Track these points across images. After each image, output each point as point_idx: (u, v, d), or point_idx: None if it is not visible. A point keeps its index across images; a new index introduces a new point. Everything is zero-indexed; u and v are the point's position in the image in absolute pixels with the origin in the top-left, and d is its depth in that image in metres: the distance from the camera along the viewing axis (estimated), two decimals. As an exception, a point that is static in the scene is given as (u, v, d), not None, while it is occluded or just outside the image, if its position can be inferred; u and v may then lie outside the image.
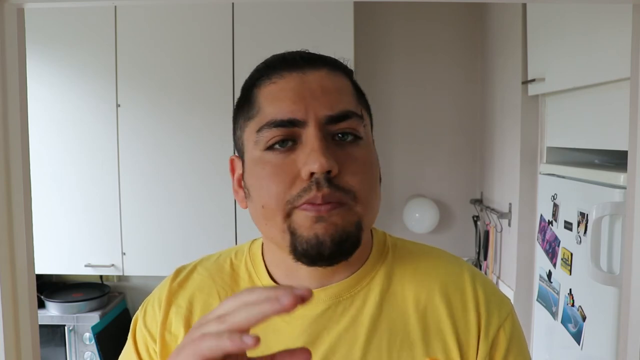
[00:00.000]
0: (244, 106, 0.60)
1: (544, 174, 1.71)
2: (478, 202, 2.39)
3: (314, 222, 0.53)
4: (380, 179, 0.64)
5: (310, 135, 0.54)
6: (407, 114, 2.44)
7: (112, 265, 2.11)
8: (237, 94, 0.62)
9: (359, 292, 0.60)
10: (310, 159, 0.52)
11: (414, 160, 2.46)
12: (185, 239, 2.09)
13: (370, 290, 0.61)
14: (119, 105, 2.06)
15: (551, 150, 1.76)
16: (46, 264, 2.09)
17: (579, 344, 1.38)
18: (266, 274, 0.63)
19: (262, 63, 0.61)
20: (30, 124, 0.74)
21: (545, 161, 1.77)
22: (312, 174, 0.52)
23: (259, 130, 0.56)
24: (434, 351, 0.58)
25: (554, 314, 1.57)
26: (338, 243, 0.53)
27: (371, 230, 0.66)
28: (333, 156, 0.53)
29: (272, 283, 0.62)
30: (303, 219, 0.53)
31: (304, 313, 0.59)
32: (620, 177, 1.24)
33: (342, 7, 2.00)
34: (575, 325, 1.42)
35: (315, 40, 2.04)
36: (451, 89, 2.44)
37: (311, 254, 0.54)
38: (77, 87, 2.07)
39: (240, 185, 0.62)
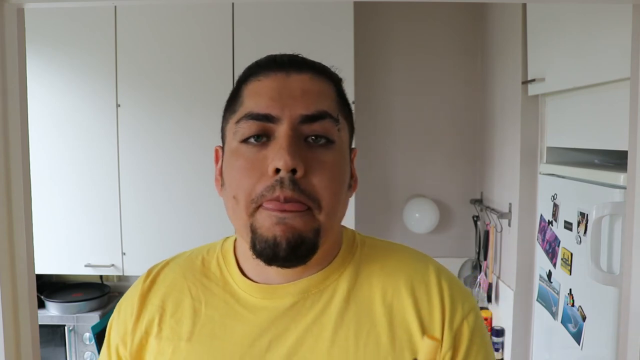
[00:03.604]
0: (231, 100, 0.63)
1: (544, 174, 1.71)
2: (478, 202, 2.39)
3: (274, 224, 0.55)
4: (351, 185, 0.64)
5: (281, 133, 0.55)
6: (407, 113, 2.45)
7: (112, 265, 2.11)
8: None
9: (327, 287, 0.62)
10: (277, 155, 0.54)
11: (414, 160, 2.46)
12: (185, 239, 2.09)
13: (338, 285, 0.63)
14: (119, 105, 2.06)
15: (551, 150, 1.76)
16: (46, 264, 2.09)
17: (579, 344, 1.38)
18: (237, 269, 0.65)
19: (254, 62, 0.63)
20: (30, 124, 0.74)
21: (545, 161, 1.77)
22: (277, 170, 0.54)
23: (237, 122, 0.58)
24: (400, 342, 0.60)
25: (554, 314, 1.57)
26: (294, 247, 0.55)
27: (342, 229, 0.68)
28: (301, 157, 0.55)
29: (243, 278, 0.64)
30: (265, 219, 0.55)
31: (273, 305, 0.61)
32: (620, 177, 1.24)
33: (342, 7, 2.00)
34: (575, 325, 1.42)
35: (315, 40, 2.05)
36: (451, 89, 2.44)
37: (267, 253, 0.55)
38: (77, 87, 2.07)
39: (220, 174, 0.64)
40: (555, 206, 1.58)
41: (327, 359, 0.59)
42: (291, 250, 0.55)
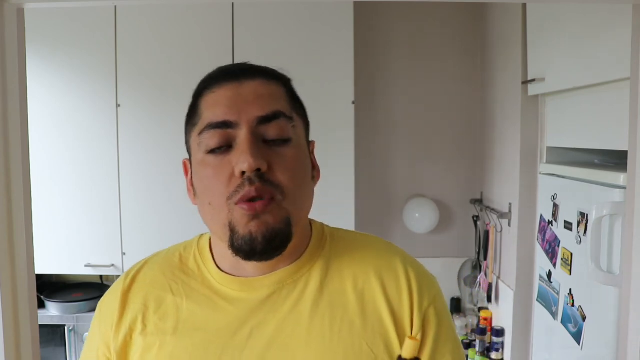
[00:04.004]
0: (190, 114, 0.66)
1: (544, 174, 1.71)
2: (478, 202, 2.39)
3: (249, 220, 0.59)
4: (314, 176, 0.69)
5: (241, 137, 0.60)
6: (407, 114, 2.45)
7: (112, 265, 2.11)
8: None
9: (301, 278, 0.66)
10: (240, 159, 0.59)
11: (414, 160, 2.46)
12: (185, 239, 2.08)
13: (311, 275, 0.66)
14: (119, 105, 2.06)
15: (551, 150, 1.76)
16: (46, 264, 2.09)
17: (579, 344, 1.38)
18: (214, 265, 0.68)
19: (205, 76, 0.67)
20: (30, 124, 0.74)
21: (545, 161, 1.77)
22: (243, 172, 0.59)
23: (200, 134, 0.62)
24: (372, 327, 0.64)
25: (554, 314, 1.57)
26: (269, 240, 0.59)
27: (310, 223, 0.72)
28: (263, 155, 0.59)
29: (220, 272, 0.67)
30: (240, 217, 0.59)
31: (250, 297, 0.65)
32: (620, 177, 1.24)
33: (342, 7, 2.00)
34: (575, 325, 1.42)
35: (315, 40, 2.05)
36: (451, 89, 2.44)
37: (245, 249, 0.60)
38: (77, 87, 2.07)
39: (191, 184, 0.67)
40: (555, 206, 1.58)
41: (305, 345, 0.62)
42: (267, 243, 0.59)
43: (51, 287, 2.29)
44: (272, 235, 0.59)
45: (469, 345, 2.23)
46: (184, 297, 0.67)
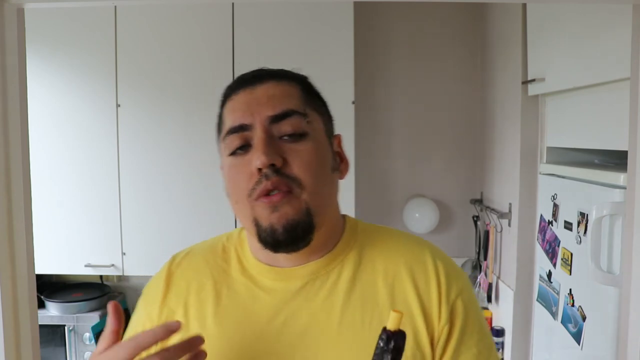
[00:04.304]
0: (218, 124, 0.71)
1: (544, 174, 1.71)
2: (478, 202, 2.39)
3: (270, 213, 0.62)
4: (336, 168, 0.71)
5: (256, 137, 0.63)
6: (407, 114, 2.45)
7: (112, 265, 2.11)
8: None
9: (334, 270, 0.69)
10: (254, 157, 0.62)
11: (414, 160, 2.46)
12: (185, 239, 2.08)
13: (343, 267, 0.69)
14: (119, 105, 2.06)
15: (551, 150, 1.76)
16: (46, 264, 2.09)
17: (579, 344, 1.38)
18: (252, 256, 0.72)
19: (227, 86, 0.71)
20: (30, 124, 0.74)
21: (545, 161, 1.77)
22: (260, 169, 0.62)
23: (223, 139, 0.67)
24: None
25: (554, 314, 1.57)
26: (289, 230, 0.62)
27: (344, 217, 0.75)
28: (278, 151, 0.62)
29: (257, 262, 0.71)
30: (262, 210, 0.63)
31: (285, 287, 0.68)
32: (620, 177, 1.24)
33: (342, 7, 2.00)
34: (575, 325, 1.42)
35: (315, 40, 2.05)
36: (451, 89, 2.43)
37: (270, 241, 0.63)
38: (77, 87, 2.07)
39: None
40: (555, 206, 1.58)
41: (337, 335, 0.65)
42: (288, 233, 0.62)
43: (51, 287, 2.29)
44: (292, 226, 0.62)
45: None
46: (224, 285, 0.71)
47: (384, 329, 0.56)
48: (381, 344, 0.55)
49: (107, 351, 0.59)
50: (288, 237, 0.62)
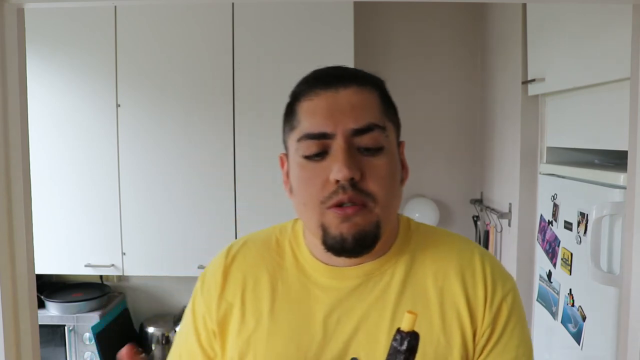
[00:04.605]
0: (289, 115, 0.70)
1: (544, 174, 1.71)
2: (478, 202, 2.39)
3: (340, 222, 0.63)
4: (402, 179, 0.74)
5: (337, 147, 0.64)
6: (407, 114, 2.42)
7: (112, 265, 2.11)
8: (237, 94, 0.68)
9: (387, 271, 0.71)
10: (335, 168, 0.62)
11: (414, 160, 2.44)
12: (185, 239, 2.09)
13: (396, 269, 0.71)
14: (119, 105, 2.06)
15: (551, 150, 1.76)
16: (46, 264, 2.09)
17: (579, 344, 1.38)
18: (308, 251, 0.73)
19: (302, 79, 0.71)
20: (30, 124, 0.74)
21: (545, 161, 1.77)
22: (337, 180, 0.63)
23: (298, 140, 0.67)
24: (449, 320, 0.68)
25: (554, 314, 1.57)
26: (358, 240, 0.64)
27: (397, 216, 0.75)
28: (357, 165, 0.63)
29: (313, 259, 0.72)
30: (332, 219, 0.64)
31: (340, 286, 0.70)
32: (620, 177, 1.24)
33: (342, 7, 2.00)
34: (575, 325, 1.42)
35: (315, 40, 2.05)
36: (451, 89, 2.44)
37: (337, 248, 0.65)
38: (77, 87, 2.07)
39: (287, 177, 0.72)
40: (555, 206, 1.58)
41: (387, 334, 0.66)
42: (356, 242, 0.64)
43: (51, 287, 2.29)
44: (361, 236, 0.64)
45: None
46: (279, 279, 0.72)
47: (398, 329, 0.56)
48: (394, 345, 0.55)
49: None
50: (356, 246, 0.64)
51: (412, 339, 0.55)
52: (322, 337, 0.68)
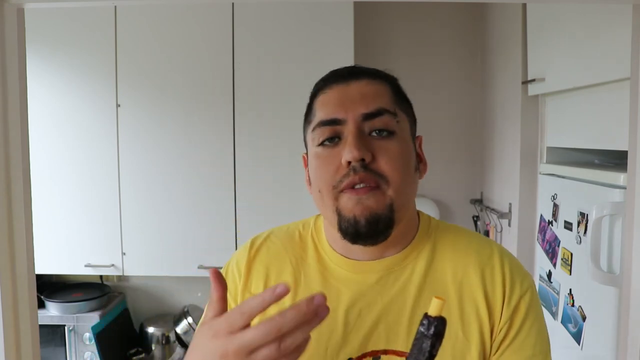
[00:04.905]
0: (307, 113, 0.74)
1: (544, 174, 1.71)
2: (478, 202, 2.39)
3: (354, 205, 0.64)
4: (417, 168, 0.72)
5: (348, 131, 0.66)
6: (407, 114, 2.44)
7: (112, 265, 2.11)
8: (237, 94, 0.68)
9: (407, 265, 0.72)
10: (346, 150, 0.64)
11: (414, 160, 2.46)
12: (185, 239, 2.09)
13: (416, 264, 0.72)
14: (119, 105, 2.06)
15: (551, 150, 1.76)
16: (46, 264, 2.09)
17: (579, 344, 1.38)
18: (329, 246, 0.74)
19: (320, 79, 0.73)
20: (30, 124, 0.74)
21: (545, 161, 1.77)
22: (349, 162, 0.64)
23: (313, 130, 0.69)
24: (468, 315, 0.69)
25: (554, 314, 1.57)
26: (371, 223, 0.64)
27: (418, 214, 0.77)
28: (368, 147, 0.64)
29: (334, 253, 0.73)
30: (346, 201, 0.65)
31: (361, 279, 0.71)
32: (620, 177, 1.24)
33: (342, 7, 2.00)
34: (575, 325, 1.42)
35: (315, 40, 2.05)
36: (451, 89, 2.44)
37: (351, 231, 0.65)
38: (77, 87, 2.07)
39: (309, 176, 0.73)
40: (555, 206, 1.58)
41: (407, 328, 0.68)
42: (369, 226, 0.64)
43: (51, 287, 2.29)
44: (374, 218, 0.64)
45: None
46: (301, 272, 0.73)
47: (425, 314, 0.55)
48: (422, 329, 0.55)
49: (218, 319, 0.53)
50: (370, 230, 0.64)
51: (439, 324, 0.54)
52: (342, 329, 0.69)
